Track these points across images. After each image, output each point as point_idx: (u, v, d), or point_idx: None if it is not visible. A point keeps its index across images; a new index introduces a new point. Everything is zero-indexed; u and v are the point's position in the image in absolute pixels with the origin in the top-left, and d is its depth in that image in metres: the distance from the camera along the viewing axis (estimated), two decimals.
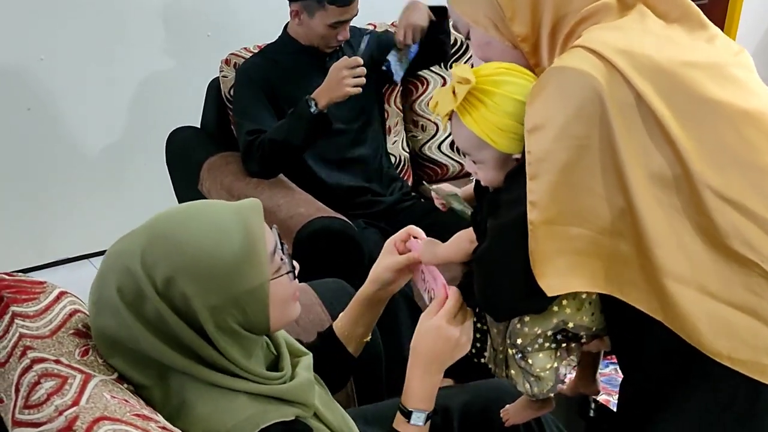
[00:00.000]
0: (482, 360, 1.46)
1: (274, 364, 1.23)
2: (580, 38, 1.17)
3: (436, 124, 2.92)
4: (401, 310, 2.15)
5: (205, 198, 2.45)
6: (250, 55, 2.57)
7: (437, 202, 1.70)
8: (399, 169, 2.82)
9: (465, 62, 2.97)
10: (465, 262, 1.40)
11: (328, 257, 2.11)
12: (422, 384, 1.29)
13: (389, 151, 2.78)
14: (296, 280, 1.22)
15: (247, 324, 1.12)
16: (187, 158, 2.69)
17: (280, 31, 2.58)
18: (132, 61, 3.18)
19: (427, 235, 2.49)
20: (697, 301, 1.12)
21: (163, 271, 1.06)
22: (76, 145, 3.20)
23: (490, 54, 1.29)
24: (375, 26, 2.84)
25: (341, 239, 2.16)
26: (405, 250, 1.45)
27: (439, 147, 2.96)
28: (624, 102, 1.10)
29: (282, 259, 1.17)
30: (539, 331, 1.28)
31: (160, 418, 1.08)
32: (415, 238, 1.46)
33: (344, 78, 2.25)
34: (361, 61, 2.29)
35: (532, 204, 1.13)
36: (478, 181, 1.41)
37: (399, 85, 2.83)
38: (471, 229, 1.38)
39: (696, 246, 1.12)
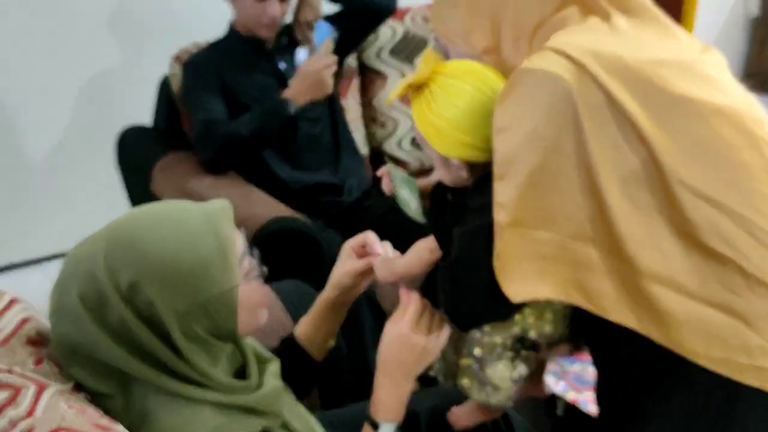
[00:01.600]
0: (430, 373, 1.44)
1: (241, 371, 1.18)
2: (548, 41, 1.16)
3: (396, 121, 2.88)
4: (364, 311, 2.11)
5: (158, 198, 2.39)
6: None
7: (385, 184, 1.67)
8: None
9: None
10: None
11: (287, 259, 2.06)
12: (390, 394, 1.26)
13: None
14: (265, 285, 1.18)
15: (215, 330, 1.07)
16: (138, 158, 2.60)
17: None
18: (78, 58, 3.07)
19: (388, 235, 2.48)
20: (675, 301, 1.10)
21: (128, 275, 1.01)
22: (19, 146, 3.08)
23: None
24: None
25: (300, 240, 2.12)
26: (364, 254, 1.42)
27: (399, 144, 2.92)
28: (594, 102, 1.09)
29: (250, 263, 1.13)
30: (499, 341, 1.27)
31: (120, 427, 1.02)
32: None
33: (325, 78, 2.30)
34: (336, 59, 2.35)
35: (500, 205, 1.13)
36: (436, 186, 1.40)
37: (356, 77, 2.80)
38: (430, 237, 1.36)
39: (672, 244, 1.11)
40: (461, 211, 1.24)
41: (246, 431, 1.08)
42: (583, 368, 1.79)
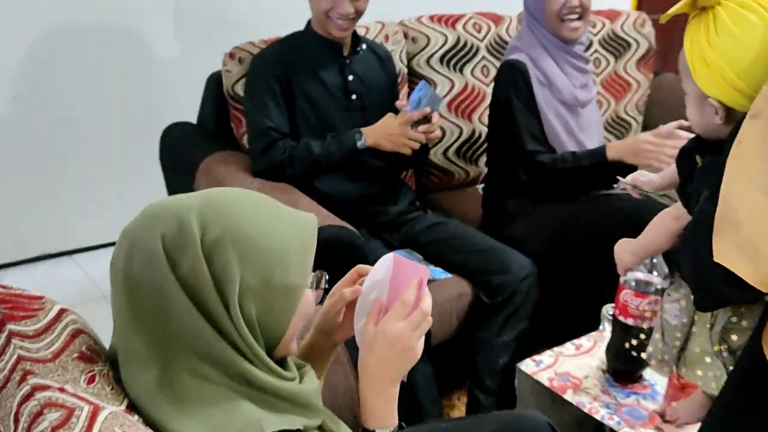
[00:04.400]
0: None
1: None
2: None
3: (443, 130, 2.81)
4: None
5: None
6: (256, 49, 2.44)
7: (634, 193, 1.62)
8: (402, 176, 2.70)
9: (474, 67, 2.89)
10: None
11: (333, 268, 2.01)
12: (378, 401, 1.18)
13: None
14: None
15: (266, 320, 1.04)
16: (182, 156, 2.56)
17: (284, 27, 2.44)
18: (123, 52, 3.06)
19: (431, 250, 2.43)
20: None
21: (215, 231, 1.02)
22: (63, 136, 3.07)
23: None
24: (386, 30, 2.74)
25: (349, 250, 2.06)
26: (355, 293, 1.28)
27: (444, 153, 2.86)
28: None
29: (324, 279, 1.17)
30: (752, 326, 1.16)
31: None
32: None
33: (404, 135, 2.25)
34: (422, 138, 2.29)
35: (739, 142, 1.02)
36: (682, 149, 1.29)
37: (406, 84, 2.75)
38: (677, 204, 1.26)
39: None
40: (713, 169, 1.10)
41: (286, 426, 1.04)
42: (638, 401, 1.72)
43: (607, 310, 1.98)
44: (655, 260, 1.65)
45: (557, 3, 2.35)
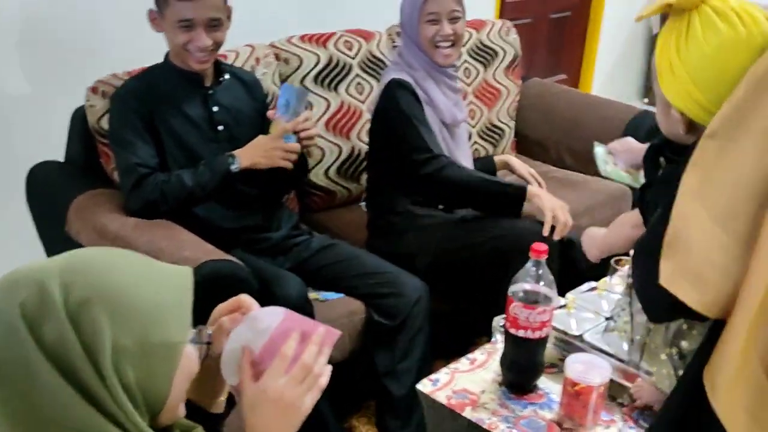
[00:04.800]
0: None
1: None
2: None
3: (322, 150, 2.79)
4: None
5: (73, 241, 2.24)
6: (120, 81, 2.34)
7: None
8: (284, 199, 2.66)
9: (348, 85, 2.88)
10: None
11: (217, 303, 1.95)
12: None
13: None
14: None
15: (146, 385, 0.96)
16: (51, 197, 2.44)
17: (148, 56, 2.35)
18: None
19: (323, 274, 2.38)
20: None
21: (81, 291, 0.93)
22: None
23: None
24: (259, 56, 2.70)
25: (231, 283, 2.00)
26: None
27: (325, 173, 2.84)
28: None
29: (206, 334, 1.11)
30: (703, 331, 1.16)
31: None
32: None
33: (279, 148, 2.20)
34: (297, 148, 2.24)
35: (694, 164, 1.01)
36: (649, 148, 1.26)
37: None
38: (636, 211, 1.25)
39: None
40: (670, 182, 1.08)
41: None
42: (535, 412, 1.74)
43: (498, 321, 1.99)
44: (540, 271, 1.68)
45: (431, 30, 2.40)
